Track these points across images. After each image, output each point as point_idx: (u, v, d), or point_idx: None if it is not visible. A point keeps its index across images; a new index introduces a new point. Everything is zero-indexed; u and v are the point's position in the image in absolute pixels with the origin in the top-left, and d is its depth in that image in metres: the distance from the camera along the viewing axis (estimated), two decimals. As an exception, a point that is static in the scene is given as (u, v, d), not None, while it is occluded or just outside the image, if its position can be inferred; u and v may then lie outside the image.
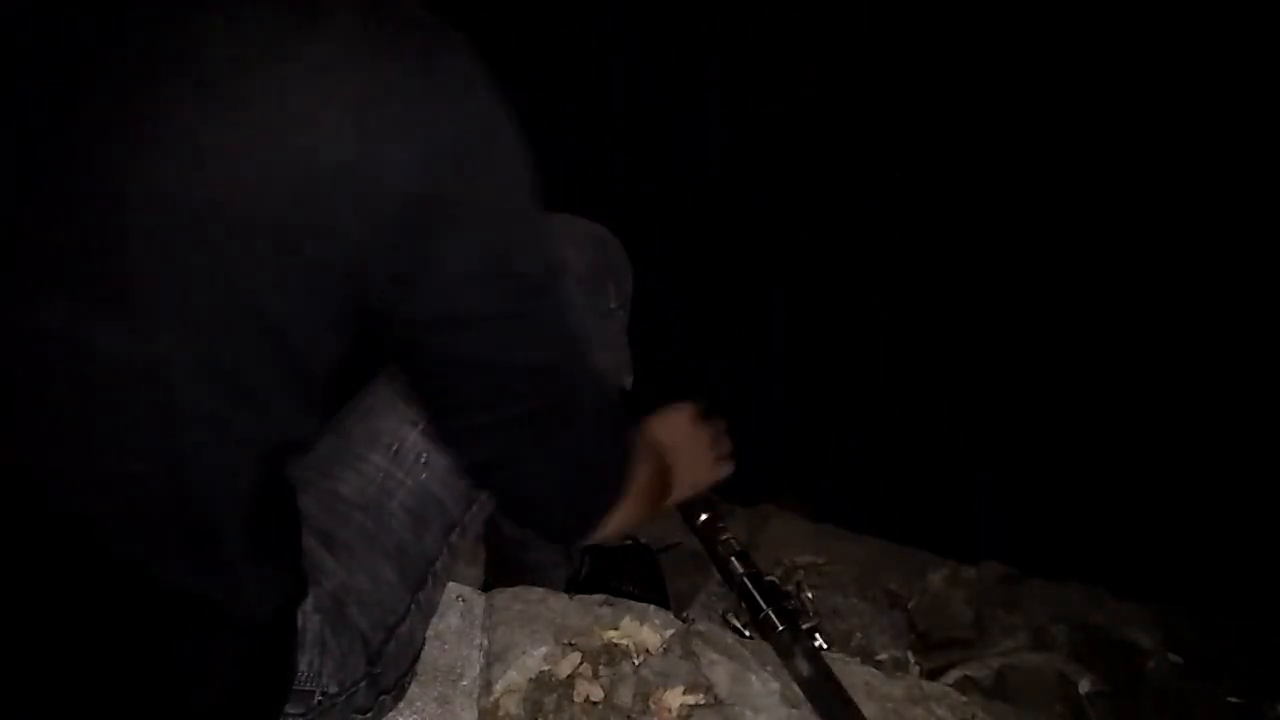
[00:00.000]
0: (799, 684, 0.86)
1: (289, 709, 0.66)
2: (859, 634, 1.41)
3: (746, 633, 0.96)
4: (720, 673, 0.87)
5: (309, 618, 0.67)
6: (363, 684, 0.72)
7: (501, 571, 1.09)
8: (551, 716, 0.82)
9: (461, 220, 0.52)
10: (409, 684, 0.83)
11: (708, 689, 0.85)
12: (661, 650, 0.88)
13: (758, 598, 0.94)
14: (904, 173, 2.57)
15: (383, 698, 0.77)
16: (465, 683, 0.82)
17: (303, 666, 0.66)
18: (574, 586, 1.11)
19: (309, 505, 0.71)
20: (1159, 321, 2.27)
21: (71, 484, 0.52)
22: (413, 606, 0.77)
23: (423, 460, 0.77)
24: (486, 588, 0.98)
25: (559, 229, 0.90)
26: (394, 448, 0.77)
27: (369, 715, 0.76)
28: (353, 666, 0.71)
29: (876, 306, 2.42)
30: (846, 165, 2.55)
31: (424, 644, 0.83)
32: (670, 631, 0.90)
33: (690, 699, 0.84)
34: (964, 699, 0.92)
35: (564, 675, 0.85)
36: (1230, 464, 1.94)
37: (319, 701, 0.68)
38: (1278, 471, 1.81)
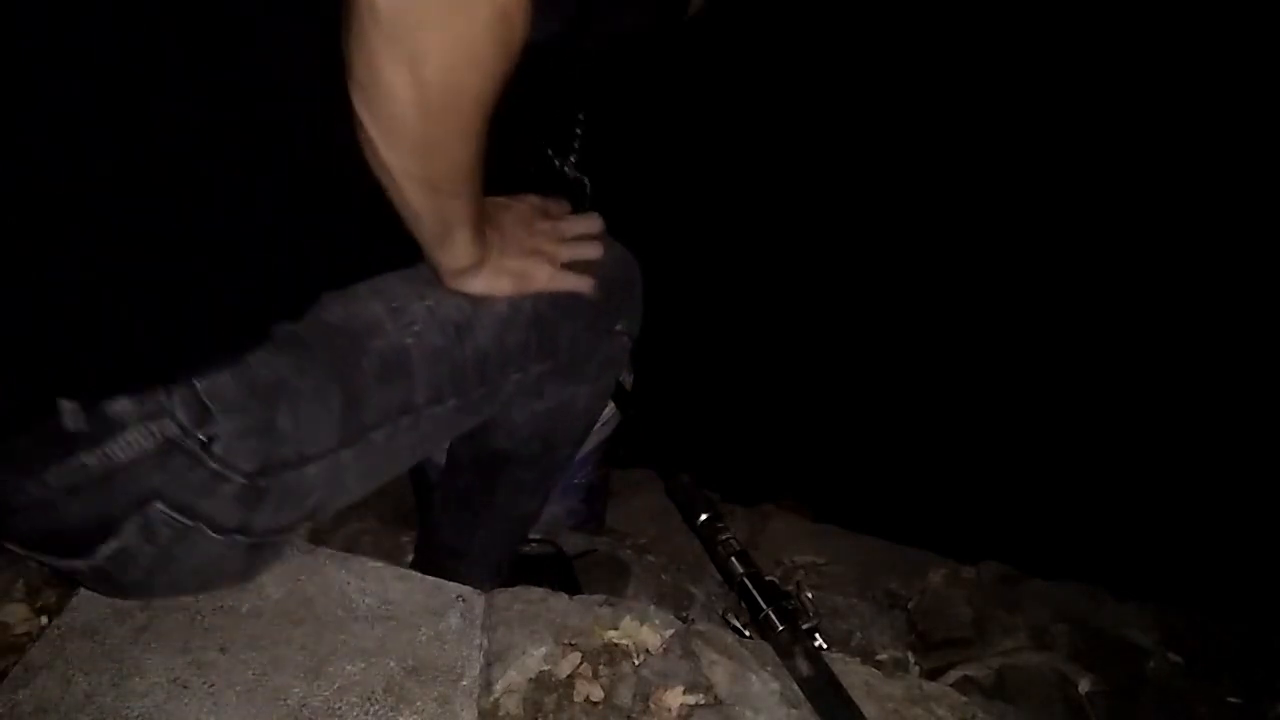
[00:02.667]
0: (799, 684, 0.86)
1: (159, 430, 0.66)
2: (859, 634, 1.41)
3: (746, 633, 0.96)
4: (720, 673, 0.87)
5: (251, 373, 0.68)
6: (232, 482, 0.70)
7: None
8: (551, 716, 0.82)
9: None
10: (267, 558, 0.82)
11: (708, 689, 0.85)
12: (661, 650, 0.88)
13: (758, 598, 0.95)
14: (906, 173, 2.57)
15: (238, 538, 0.75)
16: (465, 683, 0.82)
17: (217, 415, 0.67)
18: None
19: (292, 328, 0.71)
20: (1159, 323, 2.27)
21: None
22: (327, 462, 0.75)
23: (415, 328, 0.78)
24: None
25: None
26: (395, 304, 0.78)
27: (218, 540, 0.73)
28: (241, 454, 0.69)
29: (877, 307, 2.42)
30: (847, 165, 2.55)
31: (303, 522, 0.81)
32: (670, 631, 0.90)
33: (690, 699, 0.84)
34: (964, 699, 0.92)
35: (564, 675, 0.85)
36: (1230, 464, 1.94)
37: (192, 445, 0.67)
38: (1278, 471, 1.81)
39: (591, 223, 0.93)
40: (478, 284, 0.81)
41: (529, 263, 0.85)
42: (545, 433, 1.00)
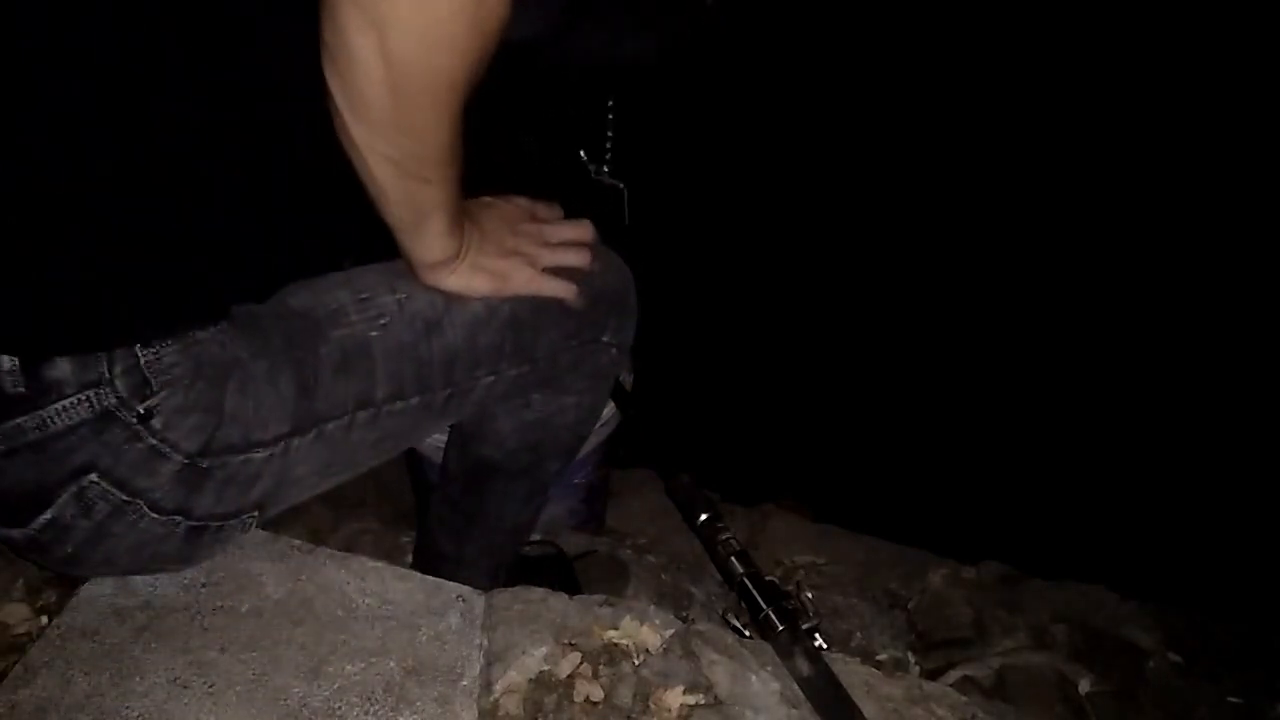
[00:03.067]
0: (799, 684, 0.86)
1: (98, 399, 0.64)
2: (859, 634, 1.41)
3: (746, 633, 0.96)
4: (720, 673, 0.87)
5: (200, 349, 0.66)
6: (172, 460, 0.69)
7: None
8: (551, 716, 0.81)
9: None
10: (210, 544, 0.78)
11: (708, 689, 0.85)
12: (661, 650, 0.88)
13: (758, 598, 0.94)
14: (906, 175, 2.57)
15: (178, 520, 0.73)
16: (465, 683, 0.82)
17: (158, 388, 0.65)
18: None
19: (251, 309, 0.70)
20: (1159, 323, 2.27)
21: None
22: (276, 450, 0.73)
23: (381, 321, 0.76)
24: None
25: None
26: (363, 295, 0.76)
27: (157, 519, 0.72)
28: (182, 431, 0.68)
29: (877, 307, 2.42)
30: (846, 166, 2.55)
31: (252, 512, 0.78)
32: (670, 631, 0.90)
33: (690, 699, 0.84)
34: (964, 699, 0.92)
35: (564, 675, 0.85)
36: (1230, 464, 1.94)
37: (129, 418, 0.66)
38: (1278, 471, 1.81)
39: (581, 230, 0.91)
40: (452, 280, 0.79)
41: (508, 263, 0.82)
42: (534, 444, 0.98)
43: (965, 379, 2.22)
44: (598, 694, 0.83)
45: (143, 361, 0.66)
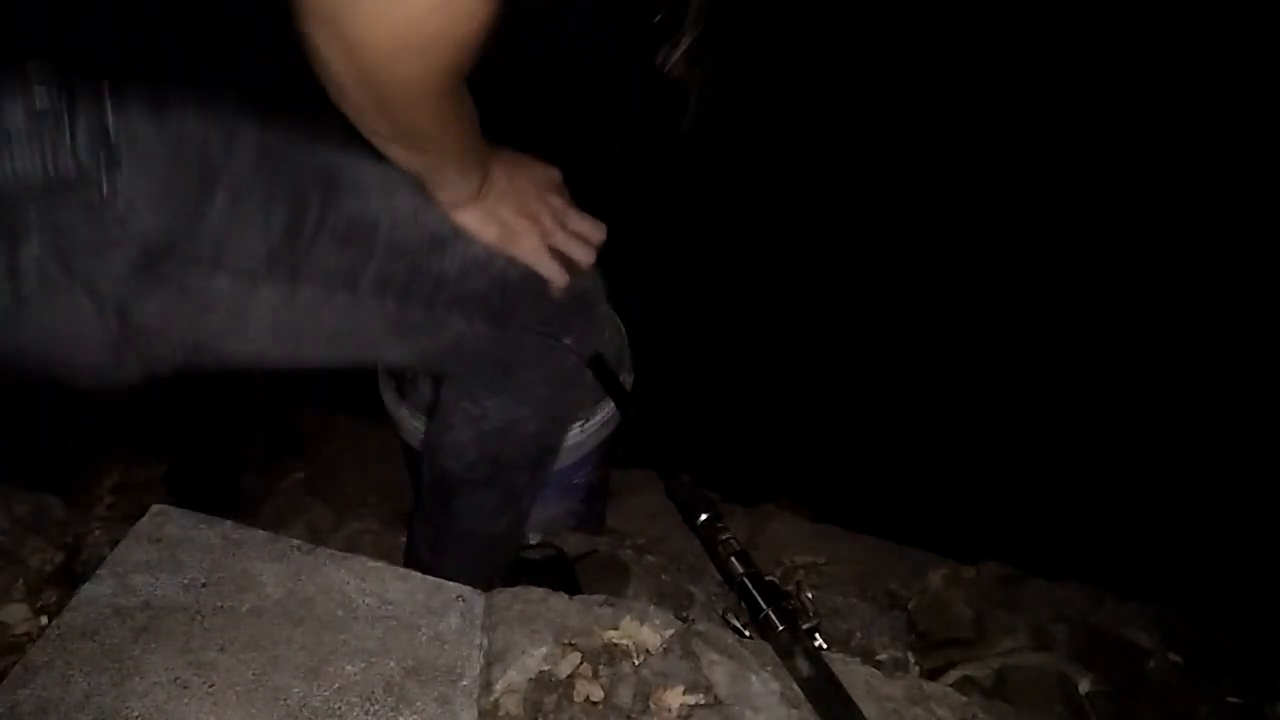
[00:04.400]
0: (799, 684, 0.86)
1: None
2: (859, 634, 1.41)
3: (746, 633, 0.96)
4: (720, 673, 0.87)
5: (189, 145, 0.63)
6: (126, 250, 0.64)
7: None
8: (551, 716, 0.82)
9: None
10: (131, 366, 0.72)
11: (708, 689, 0.85)
12: (661, 650, 0.88)
13: (758, 598, 0.94)
14: (905, 175, 2.57)
15: (111, 321, 0.67)
16: (465, 683, 0.82)
17: (123, 159, 0.61)
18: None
19: (274, 139, 0.67)
20: (1159, 322, 2.27)
21: None
22: (241, 284, 0.69)
23: (396, 214, 0.74)
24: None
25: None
26: (389, 183, 0.74)
27: (88, 310, 0.66)
28: (148, 222, 0.63)
29: (876, 307, 2.42)
30: (845, 167, 2.55)
31: (185, 351, 0.73)
32: (670, 631, 0.90)
33: (690, 699, 0.84)
34: (964, 699, 0.92)
35: (564, 675, 0.85)
36: (1229, 464, 1.94)
37: (92, 196, 0.61)
38: (1278, 471, 1.81)
39: (597, 230, 0.91)
40: (465, 217, 0.79)
41: (522, 224, 0.82)
42: (494, 456, 0.98)
43: (965, 379, 2.22)
44: (598, 694, 0.83)
45: (110, 124, 0.60)
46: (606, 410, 1.35)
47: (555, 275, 0.85)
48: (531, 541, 1.43)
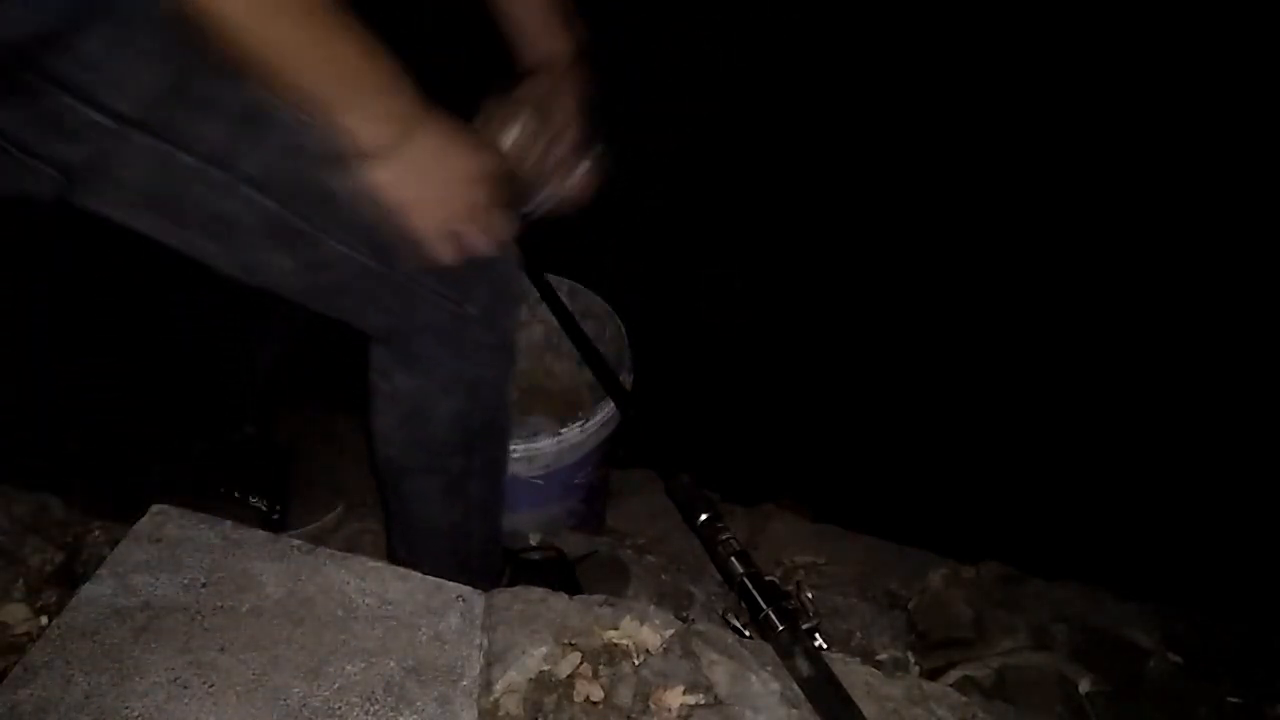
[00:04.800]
0: (799, 684, 0.86)
1: None
2: (859, 634, 1.41)
3: (746, 633, 0.96)
4: (720, 673, 0.87)
5: None
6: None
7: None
8: (551, 716, 0.82)
9: None
10: (11, 174, 0.69)
11: (708, 689, 0.85)
12: (661, 650, 0.88)
13: (758, 598, 0.94)
14: (904, 175, 2.57)
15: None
16: (465, 683, 0.82)
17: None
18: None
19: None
20: (1159, 322, 2.27)
21: None
22: (111, 127, 0.66)
23: (300, 118, 0.70)
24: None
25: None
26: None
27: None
28: (14, 31, 0.61)
29: (876, 307, 2.42)
30: (845, 167, 2.55)
31: (59, 179, 0.70)
32: (670, 631, 0.90)
33: (690, 699, 0.84)
34: (964, 699, 0.92)
35: (564, 675, 0.85)
36: (1229, 464, 1.94)
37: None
38: (1278, 471, 1.81)
39: (505, 230, 0.86)
40: (376, 172, 0.74)
41: (429, 197, 0.77)
42: (420, 440, 0.97)
43: (965, 379, 2.22)
44: (598, 694, 0.83)
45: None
46: (606, 410, 1.35)
47: (441, 256, 0.81)
48: (532, 542, 1.43)
